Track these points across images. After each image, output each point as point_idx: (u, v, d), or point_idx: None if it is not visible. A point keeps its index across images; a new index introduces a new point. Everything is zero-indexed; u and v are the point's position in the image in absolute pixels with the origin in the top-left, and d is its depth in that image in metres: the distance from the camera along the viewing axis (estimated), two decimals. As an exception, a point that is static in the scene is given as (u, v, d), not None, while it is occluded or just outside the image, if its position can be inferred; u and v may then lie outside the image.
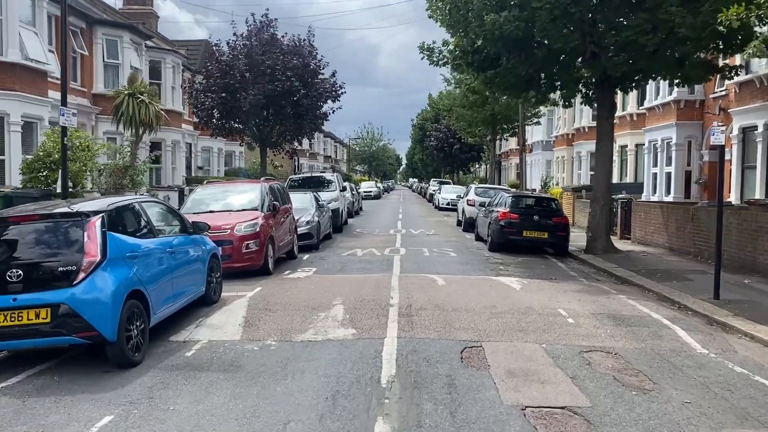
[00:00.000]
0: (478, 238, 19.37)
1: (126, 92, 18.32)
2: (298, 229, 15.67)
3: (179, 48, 30.87)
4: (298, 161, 54.36)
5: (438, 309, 8.95)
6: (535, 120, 37.38)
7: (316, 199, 18.74)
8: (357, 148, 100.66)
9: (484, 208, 19.17)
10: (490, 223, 17.23)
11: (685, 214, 16.19)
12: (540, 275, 12.79)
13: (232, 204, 12.76)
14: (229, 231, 11.46)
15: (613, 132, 17.01)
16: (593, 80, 16.50)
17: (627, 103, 27.18)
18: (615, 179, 24.66)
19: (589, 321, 8.50)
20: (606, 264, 14.32)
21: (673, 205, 17.91)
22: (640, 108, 26.22)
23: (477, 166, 68.41)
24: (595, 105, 17.51)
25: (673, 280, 11.96)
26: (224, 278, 10.96)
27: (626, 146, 27.72)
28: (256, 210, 12.43)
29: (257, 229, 11.77)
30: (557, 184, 35.76)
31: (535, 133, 42.99)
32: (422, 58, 16.50)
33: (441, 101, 54.81)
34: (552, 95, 17.42)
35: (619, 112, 24.11)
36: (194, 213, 12.23)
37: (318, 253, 15.82)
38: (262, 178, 14.00)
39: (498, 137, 39.94)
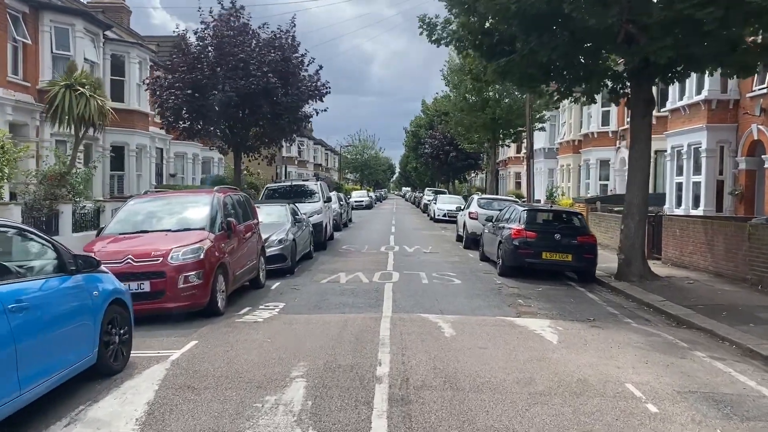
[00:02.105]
0: (484, 258, 16.52)
1: (62, 83, 15.26)
2: (268, 250, 12.78)
3: (150, 43, 27.87)
4: (286, 169, 51.37)
5: (449, 386, 5.96)
6: (540, 125, 34.56)
7: (294, 213, 15.91)
8: (349, 156, 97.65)
9: (491, 224, 16.30)
10: (500, 242, 14.35)
11: (737, 232, 13.35)
12: (573, 314, 9.92)
13: (172, 222, 9.71)
14: (160, 259, 8.47)
15: (651, 132, 14.21)
16: (624, 71, 13.76)
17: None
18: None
19: (679, 409, 5.56)
20: (649, 296, 11.47)
21: (719, 221, 15.03)
22: (661, 110, 23.45)
23: (473, 174, 65.61)
24: (625, 101, 14.76)
25: (749, 323, 9.13)
26: (155, 322, 8.08)
27: (644, 153, 24.86)
28: (203, 230, 9.41)
29: (201, 256, 8.77)
30: (563, 195, 32.97)
31: (536, 140, 40.14)
32: (421, 33, 13.72)
33: (436, 106, 52.01)
34: (576, 89, 14.56)
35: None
36: (120, 234, 9.31)
37: (292, 280, 12.90)
38: (216, 188, 11.04)
39: (498, 143, 37.11)
